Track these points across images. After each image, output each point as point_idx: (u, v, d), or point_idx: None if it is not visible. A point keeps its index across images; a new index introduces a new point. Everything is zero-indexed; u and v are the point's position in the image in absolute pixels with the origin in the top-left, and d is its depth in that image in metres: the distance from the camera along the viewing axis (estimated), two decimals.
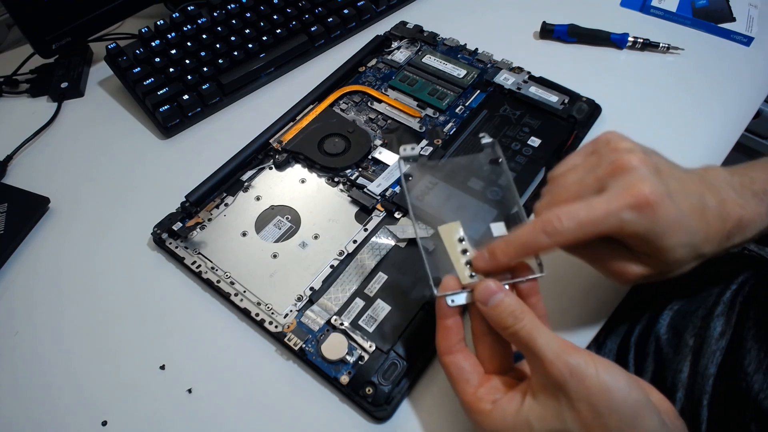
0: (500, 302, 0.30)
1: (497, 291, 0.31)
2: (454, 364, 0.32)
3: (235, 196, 0.47)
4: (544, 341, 0.28)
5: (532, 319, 0.29)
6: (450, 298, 0.32)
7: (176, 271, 0.44)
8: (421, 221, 0.40)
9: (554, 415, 0.27)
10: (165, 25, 0.58)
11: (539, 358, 0.28)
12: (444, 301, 0.32)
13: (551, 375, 0.27)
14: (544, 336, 0.28)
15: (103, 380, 0.39)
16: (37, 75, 0.61)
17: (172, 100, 0.54)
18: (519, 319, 0.29)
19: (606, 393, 0.27)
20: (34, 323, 0.42)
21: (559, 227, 0.30)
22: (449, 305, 0.32)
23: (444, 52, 0.58)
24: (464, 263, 0.33)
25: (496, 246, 0.32)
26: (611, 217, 0.30)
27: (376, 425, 0.36)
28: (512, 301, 0.30)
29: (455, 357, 0.32)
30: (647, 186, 0.30)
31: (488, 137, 0.38)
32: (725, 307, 0.46)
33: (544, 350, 0.28)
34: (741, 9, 0.61)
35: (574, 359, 0.27)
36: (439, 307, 0.32)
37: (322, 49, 0.61)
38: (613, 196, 0.30)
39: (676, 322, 0.49)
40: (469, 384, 0.31)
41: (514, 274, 0.33)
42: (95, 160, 0.53)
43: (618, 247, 0.33)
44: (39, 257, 0.46)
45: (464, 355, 0.32)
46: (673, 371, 0.45)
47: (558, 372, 0.27)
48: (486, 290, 0.31)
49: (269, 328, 0.39)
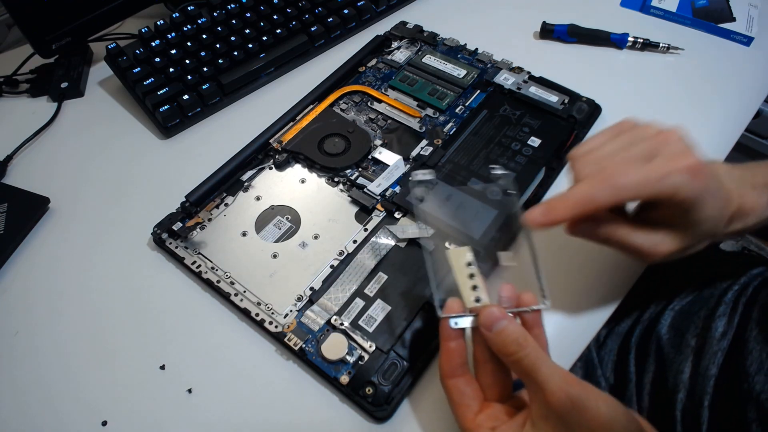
0: (504, 329, 0.30)
1: (502, 317, 0.30)
2: (456, 388, 0.32)
3: (235, 196, 0.47)
4: (547, 371, 0.28)
5: (535, 348, 0.29)
6: (454, 320, 0.32)
7: (176, 271, 0.44)
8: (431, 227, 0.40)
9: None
10: (165, 25, 0.58)
11: (541, 388, 0.28)
12: (447, 323, 0.32)
13: (553, 405, 0.27)
14: (547, 366, 0.28)
15: (103, 380, 0.39)
16: (37, 75, 0.61)
17: (172, 100, 0.54)
18: (522, 347, 0.29)
19: (606, 426, 0.27)
20: (34, 323, 0.42)
21: (622, 182, 0.31)
22: (452, 327, 0.32)
23: (444, 52, 0.58)
24: (471, 287, 0.33)
25: (554, 200, 0.32)
26: (668, 179, 0.31)
27: (376, 425, 0.36)
28: (516, 329, 0.30)
29: (457, 381, 0.32)
30: (697, 155, 0.31)
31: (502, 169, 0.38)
32: (727, 307, 0.46)
33: (546, 380, 0.28)
34: (741, 9, 0.61)
35: (575, 391, 0.27)
36: (443, 329, 0.32)
37: (322, 49, 0.61)
38: (669, 161, 0.31)
39: (678, 323, 0.49)
40: (469, 409, 0.31)
41: (519, 303, 0.33)
42: (95, 160, 0.53)
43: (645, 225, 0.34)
44: (39, 257, 0.46)
45: (466, 379, 0.32)
46: (675, 371, 0.45)
47: (560, 402, 0.27)
48: (490, 316, 0.30)
49: (269, 328, 0.39)
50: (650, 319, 0.52)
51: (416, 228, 0.43)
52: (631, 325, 0.53)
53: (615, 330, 0.54)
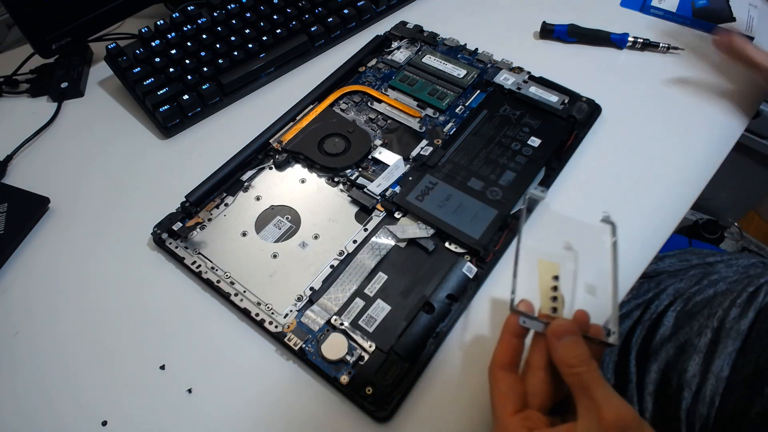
0: (573, 342, 0.31)
1: (573, 331, 0.31)
2: (504, 380, 0.32)
3: (235, 196, 0.47)
4: (605, 391, 0.29)
5: (596, 369, 0.30)
6: (523, 318, 0.32)
7: (176, 271, 0.44)
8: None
9: None
10: (165, 25, 0.58)
11: (597, 404, 0.28)
12: (518, 318, 0.32)
13: (605, 422, 0.27)
14: (605, 387, 0.29)
15: (103, 380, 0.39)
16: (37, 75, 0.61)
17: (172, 100, 0.54)
18: (585, 363, 0.30)
19: None
20: (34, 323, 0.42)
21: None
22: (520, 324, 0.32)
23: (444, 52, 0.58)
24: (550, 298, 0.34)
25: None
26: None
27: (376, 425, 0.36)
28: (583, 346, 0.31)
29: (507, 374, 0.32)
30: None
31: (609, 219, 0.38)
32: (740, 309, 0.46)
33: (604, 399, 0.28)
34: (741, 9, 0.61)
35: (631, 415, 0.28)
36: (510, 323, 0.33)
37: (322, 49, 0.61)
38: None
39: (682, 323, 0.49)
40: (511, 404, 0.31)
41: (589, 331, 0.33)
42: (95, 160, 0.53)
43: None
44: (39, 257, 0.46)
45: (515, 377, 0.32)
46: (679, 371, 0.45)
47: (613, 422, 0.27)
48: (564, 325, 0.31)
49: (269, 328, 0.39)
50: (651, 320, 0.52)
51: (416, 228, 0.43)
52: (631, 326, 0.53)
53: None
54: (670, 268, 0.57)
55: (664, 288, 0.54)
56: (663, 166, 0.48)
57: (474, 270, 0.41)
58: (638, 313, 0.53)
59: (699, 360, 0.45)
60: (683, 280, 0.54)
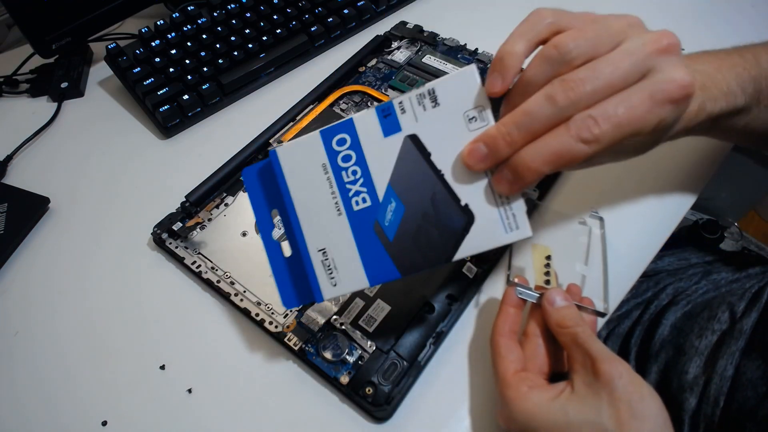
0: (566, 306, 0.33)
1: (566, 297, 0.33)
2: (506, 345, 0.34)
3: (235, 196, 0.47)
4: (599, 346, 0.30)
5: (589, 329, 0.32)
6: (519, 289, 0.35)
7: (176, 271, 0.44)
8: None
9: (593, 408, 0.28)
10: (165, 25, 0.58)
11: (591, 358, 0.30)
12: (514, 290, 0.35)
13: (601, 373, 0.29)
14: (599, 343, 0.31)
15: (103, 380, 0.39)
16: (37, 75, 0.61)
17: (172, 100, 0.54)
18: (578, 324, 0.32)
19: (647, 399, 0.28)
20: (34, 323, 0.42)
21: (598, 134, 0.26)
22: (517, 295, 0.35)
23: (444, 52, 0.58)
24: (543, 273, 0.38)
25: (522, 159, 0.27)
26: (653, 113, 0.27)
27: (376, 425, 0.36)
28: (575, 309, 0.33)
29: (509, 341, 0.34)
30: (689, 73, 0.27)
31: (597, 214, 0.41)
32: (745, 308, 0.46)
33: (599, 351, 0.30)
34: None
35: (623, 365, 0.29)
36: (508, 294, 0.35)
37: (322, 49, 0.61)
38: (659, 88, 0.26)
39: (681, 324, 0.49)
40: (512, 364, 0.33)
41: (581, 301, 0.35)
42: (95, 160, 0.53)
43: None
44: (39, 257, 0.46)
45: (516, 344, 0.34)
46: (679, 372, 0.45)
47: (608, 371, 0.29)
48: (557, 292, 0.34)
49: (269, 328, 0.39)
50: (651, 321, 0.52)
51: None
52: (630, 327, 0.53)
53: (615, 331, 0.54)
54: (670, 267, 0.57)
55: (664, 287, 0.54)
56: (663, 165, 0.48)
57: (474, 270, 0.41)
58: (637, 313, 0.53)
59: (700, 362, 0.45)
60: (683, 280, 0.54)
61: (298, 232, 0.33)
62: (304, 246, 0.33)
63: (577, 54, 0.27)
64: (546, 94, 0.27)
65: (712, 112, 0.33)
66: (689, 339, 0.47)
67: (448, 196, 0.30)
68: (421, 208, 0.31)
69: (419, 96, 0.30)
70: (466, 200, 0.30)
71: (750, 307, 0.46)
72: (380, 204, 0.31)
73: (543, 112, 0.27)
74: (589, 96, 0.26)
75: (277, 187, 0.33)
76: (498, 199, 0.30)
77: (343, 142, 0.31)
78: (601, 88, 0.26)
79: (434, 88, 0.30)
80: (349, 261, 0.32)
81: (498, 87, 0.29)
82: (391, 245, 0.31)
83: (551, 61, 0.27)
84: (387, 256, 0.31)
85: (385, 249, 0.31)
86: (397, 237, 0.31)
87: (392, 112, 0.30)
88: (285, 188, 0.33)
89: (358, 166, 0.31)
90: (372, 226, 0.31)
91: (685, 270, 0.56)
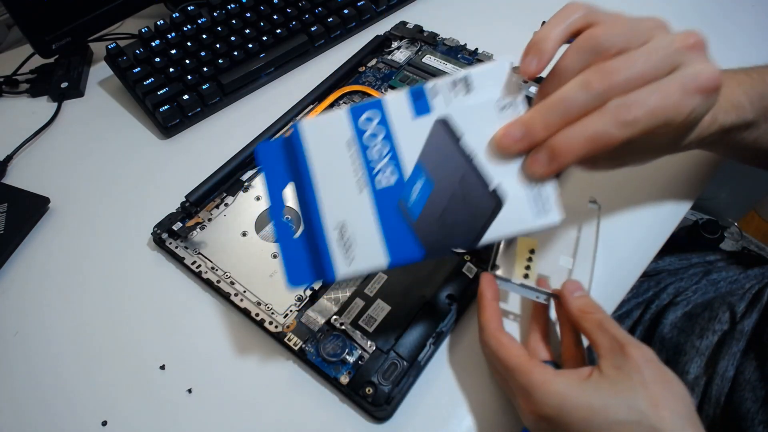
0: (585, 295, 0.34)
1: (581, 288, 0.34)
2: (507, 337, 0.34)
3: (235, 196, 0.47)
4: (624, 331, 0.31)
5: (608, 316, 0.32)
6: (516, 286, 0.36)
7: (176, 271, 0.44)
8: None
9: (627, 389, 0.29)
10: (165, 25, 0.58)
11: (619, 342, 0.30)
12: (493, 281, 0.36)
13: (631, 356, 0.29)
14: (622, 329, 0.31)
15: (103, 380, 0.39)
16: (37, 75, 0.61)
17: (172, 100, 0.54)
18: (600, 311, 0.33)
19: (674, 381, 0.29)
20: (34, 323, 0.42)
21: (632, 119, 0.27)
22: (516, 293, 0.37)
23: (444, 52, 0.58)
24: (524, 267, 0.38)
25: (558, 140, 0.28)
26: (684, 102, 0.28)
27: (376, 425, 0.36)
28: (591, 298, 0.34)
29: (506, 333, 0.34)
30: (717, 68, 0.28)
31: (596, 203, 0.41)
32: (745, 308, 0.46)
33: (625, 337, 0.30)
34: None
35: (650, 350, 0.30)
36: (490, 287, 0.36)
37: (322, 49, 0.61)
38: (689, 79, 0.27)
39: (682, 324, 0.49)
40: (524, 352, 0.32)
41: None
42: (95, 160, 0.53)
43: None
44: (39, 257, 0.46)
45: (512, 335, 0.34)
46: (680, 372, 0.45)
47: (637, 355, 0.29)
48: (574, 284, 0.34)
49: (269, 328, 0.39)
50: (651, 320, 0.52)
51: None
52: (631, 326, 0.53)
53: None
54: (670, 266, 0.57)
55: (664, 287, 0.54)
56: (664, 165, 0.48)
57: (474, 270, 0.41)
58: (638, 313, 0.53)
59: (701, 362, 0.45)
60: (683, 279, 0.54)
61: (315, 208, 0.32)
62: (319, 222, 0.31)
63: (610, 45, 0.28)
64: (582, 81, 0.27)
65: (723, 123, 0.34)
66: (690, 339, 0.47)
67: (477, 180, 0.30)
68: (449, 190, 0.30)
69: (452, 83, 0.30)
70: (495, 184, 0.30)
71: (750, 307, 0.46)
72: (405, 183, 0.31)
73: (579, 98, 0.27)
74: (623, 84, 0.27)
75: (295, 162, 0.32)
76: (529, 184, 0.30)
77: (369, 120, 0.31)
78: (635, 78, 0.27)
79: (469, 75, 0.30)
80: (369, 237, 0.31)
81: (533, 68, 0.29)
82: (415, 224, 0.31)
83: (586, 50, 0.28)
84: (411, 235, 0.31)
85: (409, 227, 0.31)
86: (422, 217, 0.31)
87: (424, 94, 0.31)
88: (304, 163, 0.32)
89: (385, 144, 0.31)
90: (396, 204, 0.31)
91: (685, 269, 0.56)
